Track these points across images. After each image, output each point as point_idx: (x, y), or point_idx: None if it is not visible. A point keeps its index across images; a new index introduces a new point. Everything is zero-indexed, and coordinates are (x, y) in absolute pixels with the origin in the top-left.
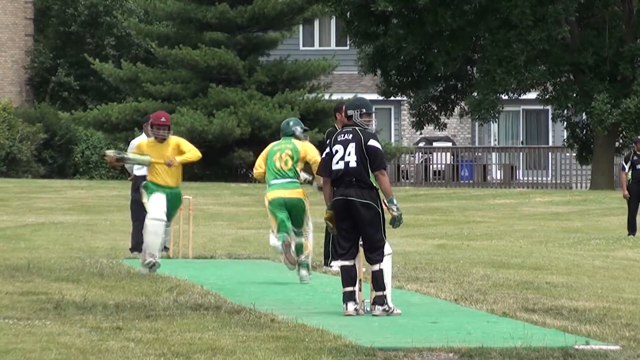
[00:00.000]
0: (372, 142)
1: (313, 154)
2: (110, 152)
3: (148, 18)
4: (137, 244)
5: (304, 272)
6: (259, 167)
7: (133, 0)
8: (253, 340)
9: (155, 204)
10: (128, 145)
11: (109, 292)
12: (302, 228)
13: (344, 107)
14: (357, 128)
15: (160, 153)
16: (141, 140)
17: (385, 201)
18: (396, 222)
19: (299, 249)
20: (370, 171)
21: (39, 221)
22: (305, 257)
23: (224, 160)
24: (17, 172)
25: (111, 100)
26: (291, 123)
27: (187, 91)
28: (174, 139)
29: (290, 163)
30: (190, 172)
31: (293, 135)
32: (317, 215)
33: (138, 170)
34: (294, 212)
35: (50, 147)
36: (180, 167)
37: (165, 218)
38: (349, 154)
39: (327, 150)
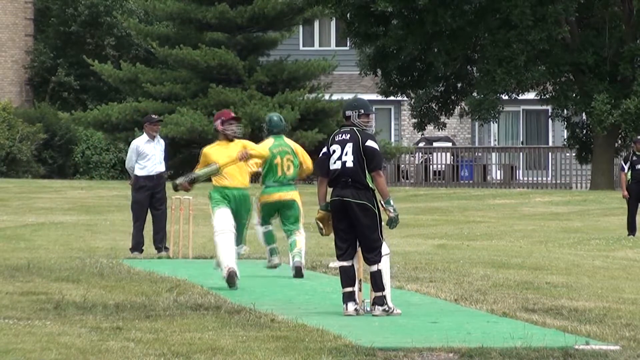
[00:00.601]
0: (369, 143)
1: (308, 161)
2: (182, 180)
3: (148, 18)
4: (137, 244)
5: (297, 258)
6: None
7: (133, 1)
8: (253, 340)
9: (220, 219)
10: (128, 145)
11: (109, 292)
12: (297, 226)
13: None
14: (355, 128)
15: (230, 155)
16: (209, 147)
17: (382, 202)
18: (393, 223)
19: (293, 245)
20: (367, 172)
21: (39, 221)
22: (299, 251)
23: None
24: (17, 172)
25: (111, 100)
26: (282, 119)
27: (187, 91)
28: (240, 141)
29: (292, 169)
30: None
31: (284, 131)
32: (312, 215)
33: (139, 170)
34: (287, 211)
35: (50, 147)
36: (247, 167)
37: (232, 229)
38: (346, 154)
39: (324, 150)
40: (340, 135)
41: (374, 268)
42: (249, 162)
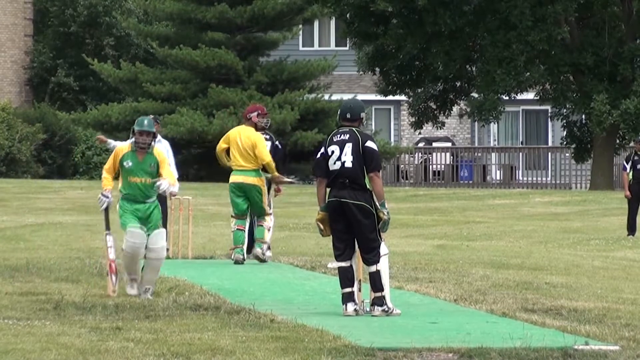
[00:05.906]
0: (369, 144)
1: None
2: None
3: (147, 18)
4: None
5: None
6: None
7: (132, 1)
8: (253, 341)
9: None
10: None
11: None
12: None
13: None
14: (354, 129)
15: None
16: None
17: (377, 203)
18: (385, 225)
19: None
20: (365, 173)
21: (38, 221)
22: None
23: None
24: (16, 173)
25: (111, 100)
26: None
27: (187, 91)
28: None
29: None
30: (190, 171)
31: None
32: (313, 216)
33: None
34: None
35: (49, 148)
36: None
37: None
38: (345, 155)
39: (322, 150)
40: (338, 135)
41: (373, 269)
42: None
